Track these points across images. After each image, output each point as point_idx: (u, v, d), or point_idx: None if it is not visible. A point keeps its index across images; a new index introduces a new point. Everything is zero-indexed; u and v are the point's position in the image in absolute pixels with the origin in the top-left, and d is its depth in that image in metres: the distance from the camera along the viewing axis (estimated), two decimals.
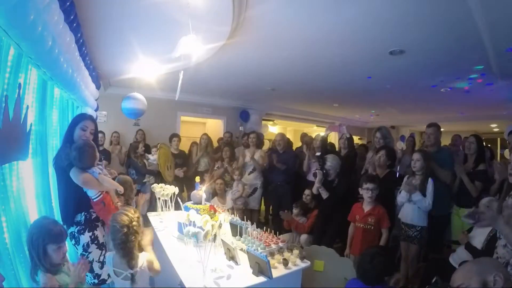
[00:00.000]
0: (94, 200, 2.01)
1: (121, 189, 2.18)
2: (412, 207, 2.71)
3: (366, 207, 2.66)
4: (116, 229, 1.65)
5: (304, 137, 6.04)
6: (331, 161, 3.15)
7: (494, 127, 8.79)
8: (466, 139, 3.19)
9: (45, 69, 1.71)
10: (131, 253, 1.65)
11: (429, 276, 2.13)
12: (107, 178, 2.05)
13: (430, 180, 2.69)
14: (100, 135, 4.34)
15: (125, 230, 1.63)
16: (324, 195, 3.06)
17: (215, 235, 1.79)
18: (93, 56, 2.94)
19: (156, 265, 1.73)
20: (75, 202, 2.01)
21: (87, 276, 1.81)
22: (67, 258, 1.67)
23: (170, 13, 2.13)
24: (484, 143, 3.32)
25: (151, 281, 2.77)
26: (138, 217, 1.72)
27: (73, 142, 2.03)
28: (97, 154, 2.05)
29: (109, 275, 1.77)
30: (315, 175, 3.14)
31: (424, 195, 2.65)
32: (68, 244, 2.02)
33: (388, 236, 2.56)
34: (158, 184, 2.93)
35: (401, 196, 2.76)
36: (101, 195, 2.02)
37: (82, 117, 2.21)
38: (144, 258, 1.69)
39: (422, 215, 2.71)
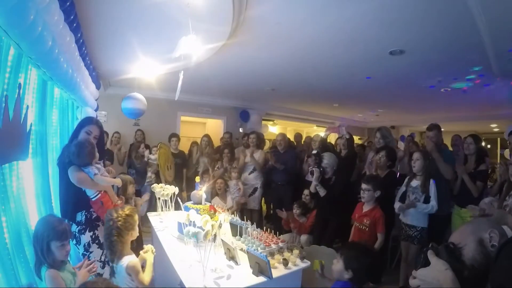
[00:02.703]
0: (93, 200, 2.02)
1: (118, 183, 2.21)
2: (413, 209, 2.71)
3: (365, 208, 2.65)
4: (105, 221, 1.74)
5: (298, 137, 6.06)
6: (327, 159, 3.15)
7: (494, 127, 8.78)
8: (465, 140, 3.18)
9: (45, 69, 1.72)
10: (113, 247, 1.68)
11: None
12: (103, 177, 2.05)
13: (432, 181, 2.68)
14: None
15: (110, 223, 1.69)
16: (322, 192, 3.06)
17: (215, 235, 1.79)
18: (93, 56, 2.94)
19: (140, 275, 1.66)
20: (75, 200, 2.02)
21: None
22: (68, 259, 1.68)
23: (170, 13, 2.13)
24: (481, 142, 3.32)
25: (151, 281, 2.77)
26: (126, 215, 1.72)
27: None
28: (96, 154, 2.06)
29: (110, 275, 1.80)
30: (312, 173, 3.14)
31: (426, 196, 2.66)
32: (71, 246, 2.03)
33: (382, 242, 2.53)
34: (158, 184, 2.94)
35: (398, 209, 2.76)
36: (99, 195, 2.03)
37: (89, 121, 2.25)
38: (128, 259, 1.67)
39: (423, 216, 2.70)
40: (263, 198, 4.73)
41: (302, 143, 5.83)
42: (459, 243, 0.98)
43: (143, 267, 1.72)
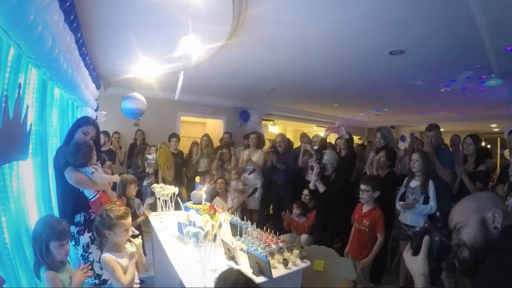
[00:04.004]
0: (92, 200, 2.01)
1: (116, 179, 2.21)
2: (412, 209, 2.71)
3: (364, 208, 2.66)
4: None
5: (304, 137, 6.05)
6: (328, 156, 3.16)
7: (494, 127, 8.78)
8: (464, 140, 3.18)
9: (45, 69, 1.71)
10: (97, 239, 1.74)
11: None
12: (100, 174, 2.04)
13: (431, 182, 2.68)
14: (105, 137, 4.39)
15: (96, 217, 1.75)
16: (321, 188, 3.07)
17: (215, 235, 1.79)
18: (93, 56, 2.94)
19: (117, 274, 1.60)
20: (73, 202, 2.01)
21: None
22: (68, 260, 1.68)
23: (170, 13, 2.13)
24: (481, 142, 3.32)
25: (151, 281, 2.78)
26: (107, 215, 1.68)
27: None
28: (94, 156, 2.05)
29: (101, 268, 1.80)
30: (312, 168, 3.14)
31: (425, 197, 2.66)
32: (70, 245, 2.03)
33: (382, 242, 2.53)
34: (158, 184, 2.93)
35: (399, 206, 2.77)
36: (98, 195, 2.02)
37: (86, 121, 2.23)
38: (105, 253, 1.65)
39: (422, 216, 2.70)
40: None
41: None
42: (460, 221, 0.97)
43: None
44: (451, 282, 0.98)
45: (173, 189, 2.76)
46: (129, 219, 1.75)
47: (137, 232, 2.41)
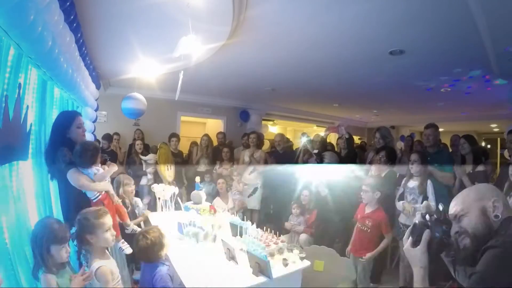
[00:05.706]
0: (94, 201, 2.01)
1: (115, 169, 2.19)
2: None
3: (367, 209, 2.65)
4: None
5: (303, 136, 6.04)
6: (329, 158, 3.16)
7: (494, 127, 8.78)
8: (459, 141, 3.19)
9: (45, 69, 1.72)
10: (80, 247, 1.64)
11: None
12: (101, 174, 2.03)
13: (429, 182, 2.68)
14: (103, 141, 4.41)
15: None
16: (323, 192, 3.06)
17: (215, 235, 1.79)
18: (93, 56, 2.94)
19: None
20: (76, 203, 2.00)
21: None
22: (69, 260, 1.67)
23: (170, 13, 2.13)
24: (477, 142, 3.32)
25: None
26: (82, 218, 1.62)
27: (72, 142, 2.03)
28: (98, 160, 2.05)
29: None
30: None
31: (424, 197, 2.65)
32: (70, 245, 2.02)
33: (388, 243, 2.53)
34: (157, 184, 2.93)
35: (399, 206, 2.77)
36: (100, 196, 2.02)
37: (73, 113, 2.19)
38: (98, 264, 1.58)
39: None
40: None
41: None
42: (460, 210, 0.98)
43: None
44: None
45: (173, 189, 2.76)
46: (109, 217, 1.66)
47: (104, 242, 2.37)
